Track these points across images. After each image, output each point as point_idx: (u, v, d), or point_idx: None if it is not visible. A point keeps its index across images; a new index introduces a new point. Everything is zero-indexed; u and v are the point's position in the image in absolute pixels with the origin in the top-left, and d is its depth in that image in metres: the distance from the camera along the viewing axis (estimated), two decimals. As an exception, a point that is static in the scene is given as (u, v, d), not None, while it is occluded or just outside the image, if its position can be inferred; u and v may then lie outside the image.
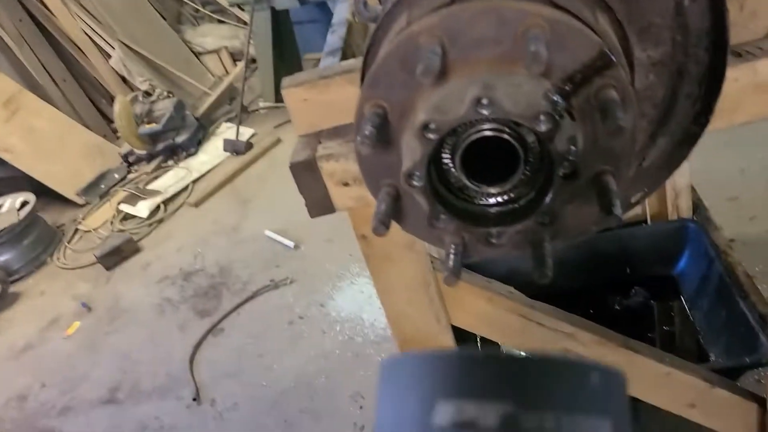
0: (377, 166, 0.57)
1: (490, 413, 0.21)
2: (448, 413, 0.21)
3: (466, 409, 0.21)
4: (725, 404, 1.09)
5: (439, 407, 0.22)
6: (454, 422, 0.21)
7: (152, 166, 3.66)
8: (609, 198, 0.48)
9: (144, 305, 2.54)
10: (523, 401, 0.21)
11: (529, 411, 0.21)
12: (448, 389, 0.22)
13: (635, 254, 1.65)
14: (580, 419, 0.22)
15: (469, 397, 0.21)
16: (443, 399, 0.22)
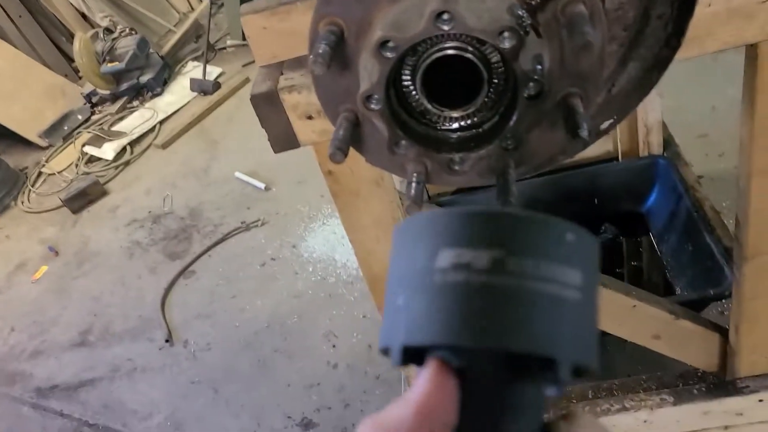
0: (335, 91, 0.54)
1: (482, 257, 0.26)
2: (448, 258, 0.26)
3: (463, 254, 0.26)
4: (688, 335, 1.11)
5: (441, 253, 0.27)
6: (452, 264, 0.26)
7: (117, 106, 3.54)
8: (576, 120, 0.46)
9: (113, 248, 2.50)
10: (509, 248, 0.26)
11: (513, 256, 0.26)
12: (449, 240, 0.27)
13: (606, 191, 1.65)
14: (554, 266, 0.27)
15: (466, 245, 0.26)
16: (445, 247, 0.27)
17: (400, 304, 0.28)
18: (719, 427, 1.18)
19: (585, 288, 0.27)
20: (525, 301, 0.26)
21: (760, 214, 0.91)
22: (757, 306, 1.02)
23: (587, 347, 0.28)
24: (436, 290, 0.27)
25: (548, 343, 0.26)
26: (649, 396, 1.17)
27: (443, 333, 0.26)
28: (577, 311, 0.27)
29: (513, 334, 0.26)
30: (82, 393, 1.90)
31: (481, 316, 0.26)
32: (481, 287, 0.26)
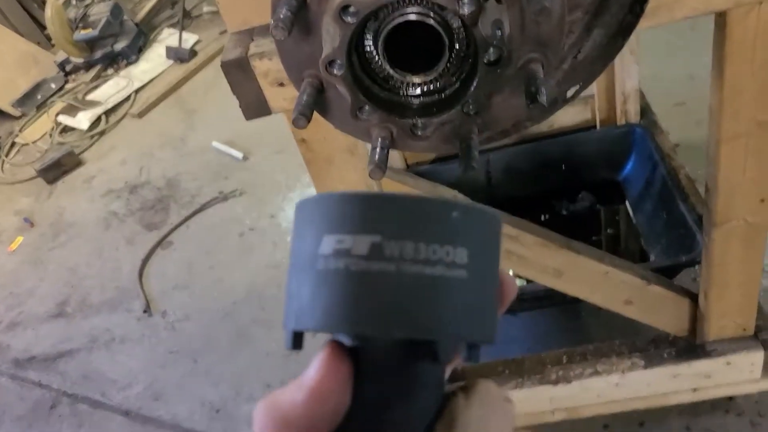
0: (298, 56, 0.53)
1: (361, 243, 0.26)
2: (330, 244, 0.27)
3: (343, 240, 0.26)
4: (660, 300, 1.13)
5: (324, 239, 0.27)
6: (334, 250, 0.26)
7: (91, 75, 3.47)
8: (535, 86, 0.45)
9: (89, 219, 2.47)
10: (387, 233, 0.26)
11: (391, 240, 0.26)
12: (331, 225, 0.27)
13: (583, 159, 1.66)
14: (434, 247, 0.26)
15: (346, 231, 0.26)
16: (327, 233, 0.27)
17: (293, 289, 0.28)
18: (688, 389, 1.21)
19: (473, 265, 0.27)
20: (402, 285, 0.26)
21: (729, 180, 0.92)
22: (726, 272, 1.04)
23: (479, 323, 0.28)
24: (320, 277, 0.27)
25: (428, 327, 0.26)
26: (620, 360, 1.19)
27: (325, 320, 0.26)
28: (462, 290, 0.27)
29: (391, 319, 0.26)
30: (61, 364, 1.90)
31: (359, 302, 0.26)
32: (360, 274, 0.26)
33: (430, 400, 0.28)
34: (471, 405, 0.27)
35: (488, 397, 0.28)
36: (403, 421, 0.27)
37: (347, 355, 0.27)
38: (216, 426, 1.58)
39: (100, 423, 1.70)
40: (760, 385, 1.21)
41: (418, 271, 0.26)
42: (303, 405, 0.26)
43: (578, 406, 1.24)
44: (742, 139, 0.88)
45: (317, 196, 0.28)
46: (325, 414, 0.26)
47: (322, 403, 0.26)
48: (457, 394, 0.28)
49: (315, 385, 0.26)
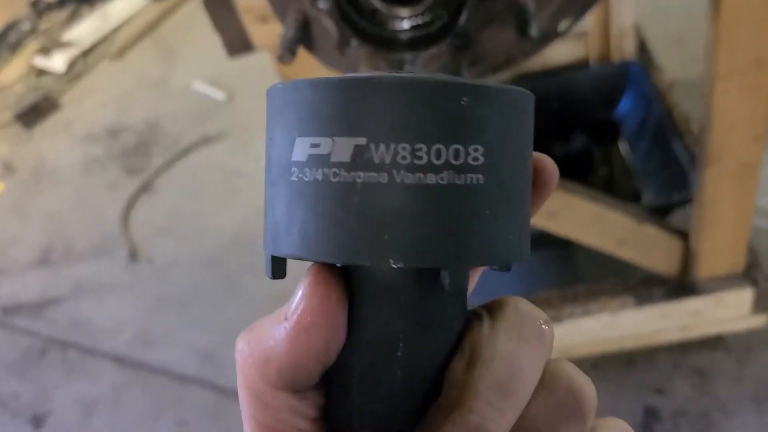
0: (280, -13, 0.49)
1: (343, 147, 0.20)
2: (303, 148, 0.21)
3: (319, 143, 0.21)
4: (651, 239, 1.12)
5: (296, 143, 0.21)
6: (309, 157, 0.21)
7: (65, 14, 3.33)
8: (525, 19, 0.43)
9: (70, 165, 2.41)
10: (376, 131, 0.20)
11: (381, 142, 0.20)
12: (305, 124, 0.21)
13: (577, 97, 1.62)
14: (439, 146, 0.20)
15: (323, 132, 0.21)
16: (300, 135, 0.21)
17: (266, 203, 0.23)
18: (677, 326, 1.22)
19: (492, 165, 0.21)
20: (398, 200, 0.20)
21: (722, 119, 0.90)
22: (718, 210, 1.03)
23: (502, 241, 0.21)
24: (294, 190, 0.21)
25: (435, 253, 0.20)
26: (611, 300, 1.20)
27: (304, 246, 0.21)
28: (477, 200, 0.21)
29: (385, 245, 0.20)
30: (48, 311, 1.89)
31: (344, 224, 0.20)
32: (343, 187, 0.20)
33: (448, 331, 0.22)
34: (497, 334, 0.22)
35: (519, 321, 0.22)
36: (414, 361, 0.22)
37: (338, 281, 0.22)
38: (206, 370, 1.58)
39: (91, 369, 1.70)
40: (747, 323, 1.22)
41: (418, 181, 0.20)
42: (285, 342, 0.22)
43: (569, 345, 1.25)
44: (738, 76, 0.85)
45: (287, 82, 0.22)
46: (313, 352, 0.22)
47: (307, 339, 0.22)
48: (481, 317, 0.22)
49: (298, 319, 0.22)
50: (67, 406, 1.64)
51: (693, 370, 1.29)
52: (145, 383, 1.62)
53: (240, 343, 0.24)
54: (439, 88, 0.20)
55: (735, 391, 1.25)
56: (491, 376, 0.21)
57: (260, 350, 0.23)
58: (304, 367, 0.22)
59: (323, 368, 0.22)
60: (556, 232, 1.07)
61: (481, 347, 0.21)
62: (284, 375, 0.22)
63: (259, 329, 0.23)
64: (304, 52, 0.62)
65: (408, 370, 0.22)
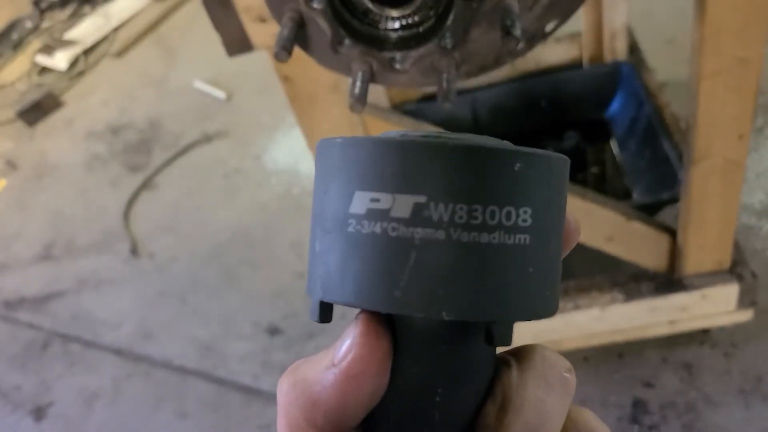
0: (277, -11, 0.52)
1: (403, 203, 0.21)
2: (363, 202, 0.22)
3: (379, 198, 0.22)
4: (640, 236, 1.15)
5: (355, 196, 0.22)
6: (368, 211, 0.22)
7: (67, 12, 3.36)
8: (510, 20, 0.45)
9: (72, 162, 2.44)
10: (435, 191, 0.21)
11: (440, 201, 0.21)
12: (364, 179, 0.22)
13: (569, 98, 1.65)
14: (493, 209, 0.21)
15: (384, 187, 0.22)
16: (360, 189, 0.22)
17: (318, 251, 0.24)
18: (665, 321, 1.25)
19: (537, 227, 0.22)
20: (454, 257, 0.21)
21: (708, 117, 0.93)
22: (704, 208, 1.06)
23: (538, 297, 0.23)
24: (350, 241, 0.22)
25: (484, 307, 0.21)
26: (601, 294, 1.22)
27: (357, 295, 0.22)
28: (523, 259, 0.22)
29: (439, 298, 0.21)
30: (51, 305, 1.91)
31: (400, 277, 0.21)
32: (401, 241, 0.21)
33: (481, 379, 0.24)
34: (526, 382, 0.23)
35: (546, 370, 0.23)
36: (451, 406, 0.23)
37: (386, 330, 0.23)
38: (206, 363, 1.61)
39: (92, 362, 1.73)
40: (733, 317, 1.25)
41: (473, 240, 0.21)
42: (334, 388, 0.22)
43: (560, 339, 1.28)
44: (723, 75, 0.88)
45: (345, 139, 0.23)
46: (360, 398, 0.23)
47: (356, 386, 0.22)
48: (510, 364, 0.24)
49: (348, 367, 0.22)
50: (69, 398, 1.67)
51: (681, 363, 1.32)
52: (146, 375, 1.65)
53: (284, 385, 0.24)
54: (496, 154, 0.21)
55: (721, 385, 1.28)
56: (523, 422, 0.22)
57: (307, 394, 0.23)
58: (350, 412, 0.23)
59: (366, 413, 0.23)
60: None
61: (512, 394, 0.23)
62: (330, 419, 0.23)
63: (304, 372, 0.24)
64: (303, 53, 0.65)
65: (445, 415, 0.23)
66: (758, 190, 1.52)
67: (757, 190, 1.52)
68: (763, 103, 1.68)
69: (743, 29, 0.84)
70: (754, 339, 1.31)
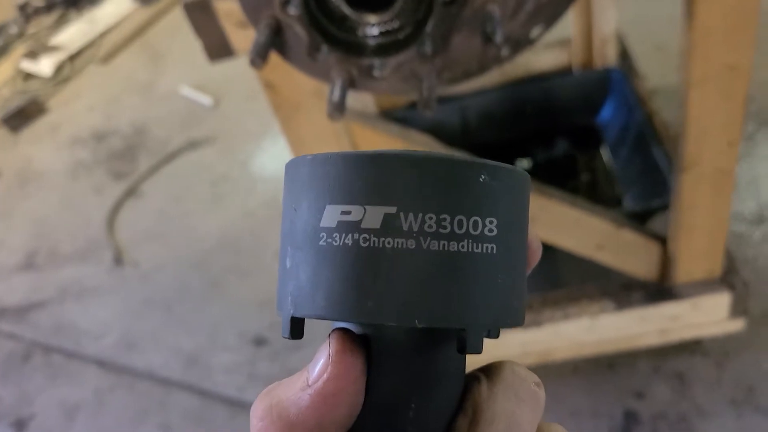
0: (254, -5, 0.50)
1: (373, 215, 0.22)
2: (333, 215, 0.22)
3: (350, 211, 0.22)
4: (630, 244, 1.13)
5: (326, 210, 0.22)
6: (339, 223, 0.22)
7: (52, 18, 3.33)
8: (491, 27, 0.44)
9: (56, 169, 2.41)
10: (404, 202, 0.22)
11: (409, 211, 0.22)
12: (334, 193, 0.22)
13: (560, 104, 1.64)
14: (460, 218, 0.22)
15: (354, 200, 0.22)
16: (330, 203, 0.22)
17: (288, 267, 0.24)
18: (656, 330, 1.23)
19: (503, 237, 0.23)
20: (425, 265, 0.22)
21: (698, 124, 0.92)
22: (694, 216, 1.04)
23: (507, 305, 0.24)
24: (322, 254, 0.22)
25: (455, 314, 0.22)
26: (591, 304, 1.21)
27: (330, 307, 0.22)
28: (491, 268, 0.23)
29: (411, 306, 0.22)
30: (32, 315, 1.88)
31: (372, 286, 0.22)
32: (372, 251, 0.22)
33: (453, 391, 0.24)
34: (496, 395, 0.23)
35: (515, 384, 0.24)
36: (425, 420, 0.23)
37: (360, 347, 0.23)
38: (191, 374, 1.58)
39: (75, 373, 1.69)
40: (725, 327, 1.23)
41: (443, 248, 0.22)
42: (310, 409, 0.22)
43: (550, 349, 1.26)
44: (712, 82, 0.87)
45: (312, 156, 0.23)
46: (337, 418, 0.22)
47: (333, 406, 0.22)
48: (480, 380, 0.24)
49: (324, 386, 0.22)
50: (50, 410, 1.63)
51: (672, 374, 1.31)
52: (129, 387, 1.62)
53: (259, 410, 0.24)
54: (463, 165, 0.22)
55: (713, 395, 1.26)
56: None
57: (284, 417, 0.23)
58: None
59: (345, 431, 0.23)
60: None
61: (482, 407, 0.23)
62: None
63: (279, 394, 0.23)
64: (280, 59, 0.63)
65: (418, 430, 0.23)
66: (749, 198, 1.51)
67: (748, 197, 1.51)
68: (753, 110, 1.68)
69: (732, 35, 0.83)
70: (746, 348, 1.29)
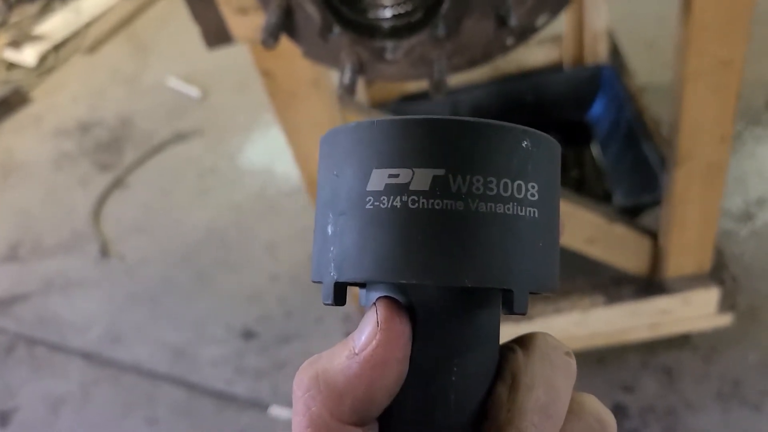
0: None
1: (422, 177, 0.22)
2: (380, 179, 0.23)
3: (398, 174, 0.22)
4: (621, 239, 1.14)
5: (372, 174, 0.23)
6: (386, 186, 0.22)
7: (36, 7, 3.27)
8: (504, 9, 0.44)
9: (40, 160, 2.37)
10: (453, 164, 0.22)
11: (458, 173, 0.22)
12: (381, 156, 0.23)
13: (551, 100, 1.65)
14: (506, 182, 0.23)
15: (402, 163, 0.22)
16: (377, 167, 0.23)
17: (330, 234, 0.24)
18: (646, 325, 1.24)
19: (543, 202, 0.24)
20: (474, 226, 0.22)
21: (691, 119, 0.92)
22: (686, 210, 1.05)
23: (547, 269, 0.24)
24: (369, 217, 0.23)
25: (503, 274, 0.23)
26: (582, 298, 1.21)
27: (378, 268, 0.22)
28: (534, 231, 0.23)
29: (461, 266, 0.22)
30: (16, 307, 1.85)
31: (423, 247, 0.22)
32: (421, 213, 0.22)
33: (491, 357, 0.25)
34: (533, 362, 0.24)
35: (549, 352, 0.24)
36: (466, 384, 0.24)
37: (405, 313, 0.23)
38: (178, 368, 1.57)
39: (59, 366, 1.67)
40: (713, 321, 1.25)
41: (490, 210, 0.22)
42: (360, 377, 0.22)
43: (540, 343, 1.26)
44: (706, 77, 0.88)
45: (356, 123, 0.24)
46: (387, 386, 0.22)
47: (383, 373, 0.22)
48: (514, 349, 0.25)
49: (374, 353, 0.22)
50: (34, 404, 1.60)
51: (661, 368, 1.32)
52: (115, 380, 1.60)
53: (305, 380, 0.23)
54: (508, 130, 0.23)
55: (701, 389, 1.28)
56: (534, 399, 0.23)
57: (331, 386, 0.22)
58: (377, 401, 0.23)
59: (391, 400, 0.23)
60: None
61: (521, 373, 0.23)
62: (357, 410, 0.22)
63: (324, 365, 0.23)
64: (283, 49, 0.62)
65: (460, 395, 0.24)
66: (736, 195, 1.53)
67: (736, 194, 1.53)
68: (740, 108, 1.70)
69: (727, 30, 0.83)
70: (733, 343, 1.31)
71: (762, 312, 1.34)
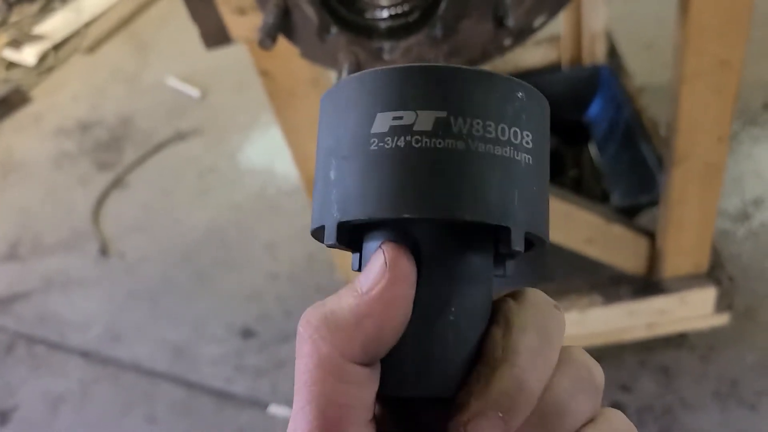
0: (260, -27, 0.50)
1: (425, 118, 0.23)
2: (385, 121, 0.24)
3: (401, 116, 0.24)
4: (619, 239, 1.15)
5: (377, 118, 0.24)
6: (390, 128, 0.23)
7: (36, 6, 3.28)
8: (503, 9, 0.44)
9: (40, 159, 2.37)
10: (455, 107, 0.24)
11: (459, 116, 0.23)
12: (385, 101, 0.24)
13: (549, 100, 1.64)
14: (504, 127, 0.24)
15: (405, 106, 0.24)
16: (381, 110, 0.24)
17: (332, 178, 0.25)
18: (644, 324, 1.25)
19: (536, 152, 0.25)
20: (474, 165, 0.23)
21: (689, 119, 0.93)
22: (683, 211, 1.06)
23: (540, 215, 0.25)
24: (373, 157, 0.24)
25: (501, 211, 0.24)
26: (580, 297, 1.22)
27: (382, 205, 0.23)
28: (529, 176, 0.25)
29: (463, 202, 0.23)
30: (16, 306, 1.85)
31: (426, 183, 0.23)
32: (424, 151, 0.23)
33: (486, 299, 0.26)
34: (525, 309, 0.25)
35: (540, 302, 0.26)
36: (463, 324, 0.25)
37: (411, 254, 0.24)
38: (177, 366, 1.57)
39: (59, 364, 1.67)
40: (711, 321, 1.25)
41: (489, 151, 0.24)
42: (369, 316, 0.22)
43: (538, 342, 1.27)
44: (704, 77, 0.88)
45: (360, 73, 0.25)
46: (396, 324, 0.23)
47: (392, 312, 0.23)
48: (506, 299, 0.26)
49: (383, 292, 0.23)
50: (34, 402, 1.61)
51: (658, 367, 1.32)
52: (114, 379, 1.60)
53: (313, 321, 0.23)
54: (506, 80, 0.25)
55: (698, 388, 1.28)
56: (527, 340, 0.24)
57: (342, 326, 0.23)
58: (386, 339, 0.23)
59: (398, 339, 0.23)
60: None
61: (513, 317, 0.25)
62: (367, 350, 0.23)
63: (331, 306, 0.23)
64: (282, 48, 0.63)
65: (458, 334, 0.25)
66: (733, 195, 1.54)
67: (733, 195, 1.54)
68: (737, 109, 1.70)
69: (725, 31, 0.84)
70: (730, 343, 1.31)
71: (759, 312, 1.34)
